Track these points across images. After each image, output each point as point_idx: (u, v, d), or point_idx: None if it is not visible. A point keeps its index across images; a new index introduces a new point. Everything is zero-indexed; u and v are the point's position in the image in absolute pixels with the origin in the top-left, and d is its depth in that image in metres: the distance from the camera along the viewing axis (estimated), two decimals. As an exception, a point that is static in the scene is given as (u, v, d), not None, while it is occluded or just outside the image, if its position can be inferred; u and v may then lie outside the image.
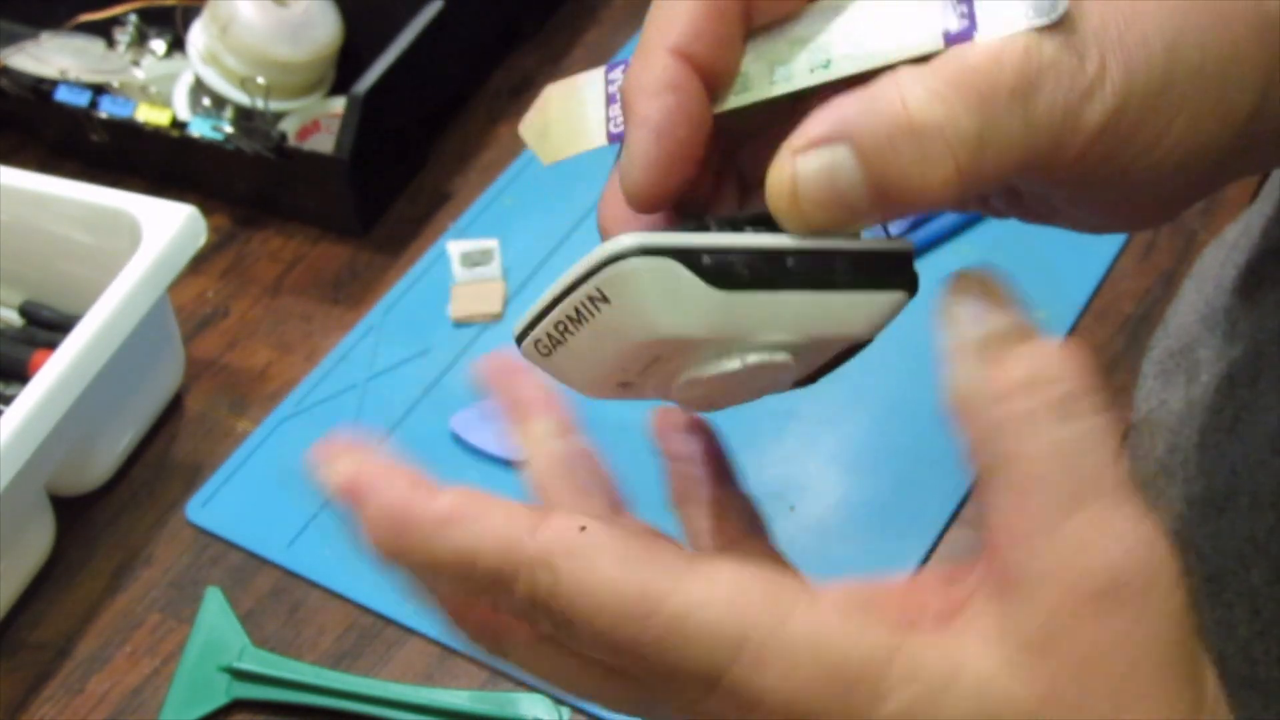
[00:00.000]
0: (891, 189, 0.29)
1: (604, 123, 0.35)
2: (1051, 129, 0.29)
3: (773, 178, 0.30)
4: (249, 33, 0.82)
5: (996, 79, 0.29)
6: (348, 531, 0.33)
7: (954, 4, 0.31)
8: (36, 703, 0.64)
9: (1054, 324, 0.71)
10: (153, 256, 0.67)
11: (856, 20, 0.32)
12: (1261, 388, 0.47)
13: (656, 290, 0.30)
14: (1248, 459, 0.47)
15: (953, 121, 0.29)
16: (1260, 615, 0.46)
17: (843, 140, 0.29)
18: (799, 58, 0.33)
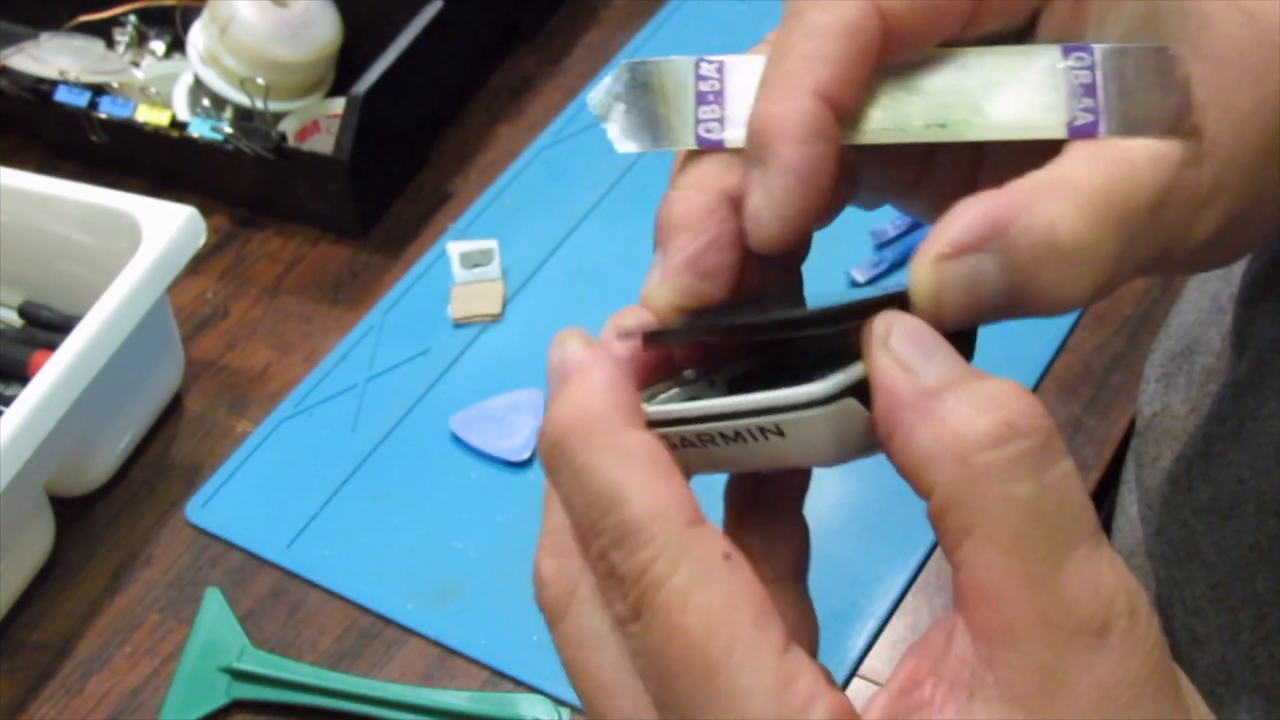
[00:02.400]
0: (1028, 300, 0.30)
1: (692, 124, 0.33)
2: (1171, 241, 0.30)
3: (918, 282, 0.30)
4: (249, 33, 0.82)
5: (1135, 199, 0.29)
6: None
7: (1081, 93, 0.31)
8: (36, 703, 0.64)
9: (1054, 324, 0.71)
10: (153, 257, 0.67)
11: (979, 83, 0.32)
12: (1266, 395, 0.47)
13: (837, 429, 0.30)
14: (1253, 466, 0.47)
15: (1098, 245, 0.29)
16: (1265, 621, 0.46)
17: (990, 249, 0.30)
18: (917, 110, 0.32)
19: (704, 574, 0.27)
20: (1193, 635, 0.49)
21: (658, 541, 0.28)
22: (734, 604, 0.27)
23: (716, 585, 0.27)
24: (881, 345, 0.29)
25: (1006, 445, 0.27)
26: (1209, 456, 0.50)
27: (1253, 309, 0.52)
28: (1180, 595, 0.50)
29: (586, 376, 0.30)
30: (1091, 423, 0.68)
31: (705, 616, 0.27)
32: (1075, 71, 0.32)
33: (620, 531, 0.28)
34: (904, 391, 0.28)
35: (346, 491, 0.70)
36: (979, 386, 0.28)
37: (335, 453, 0.72)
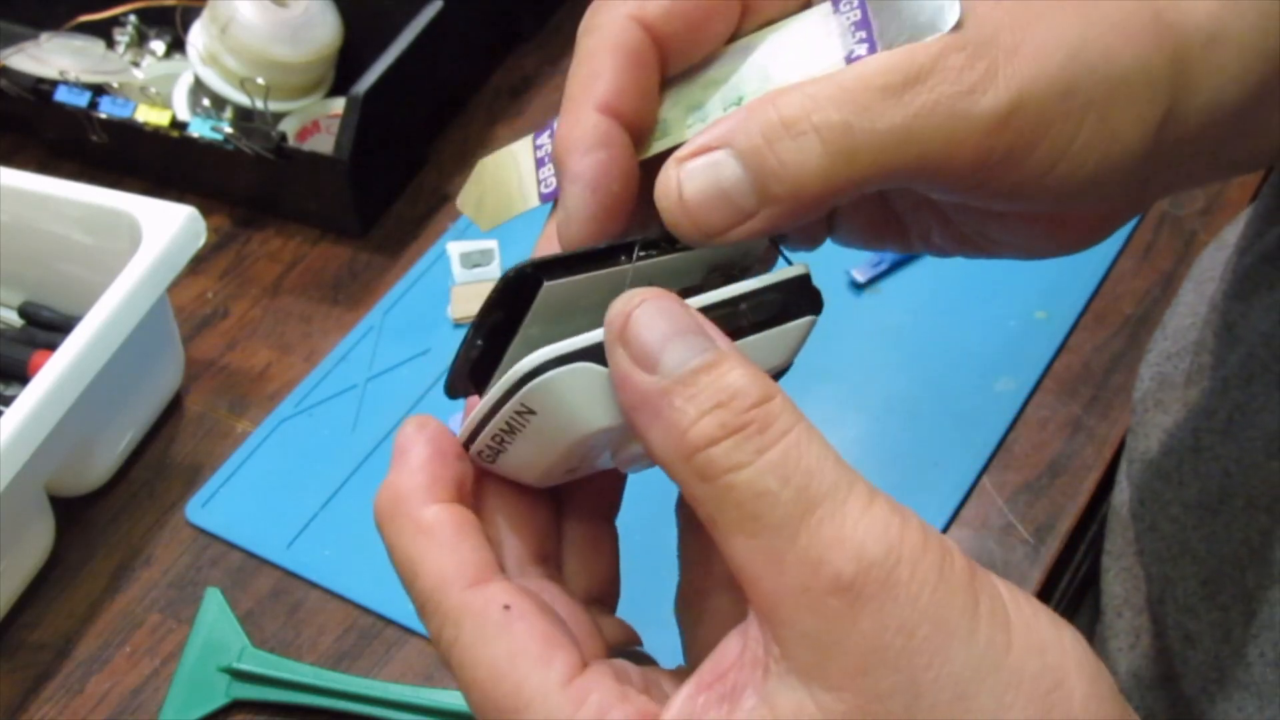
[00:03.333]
0: (770, 179, 0.31)
1: (535, 185, 0.37)
2: (936, 122, 0.31)
3: (660, 189, 0.32)
4: (249, 33, 0.82)
5: (864, 78, 0.31)
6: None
7: (853, 30, 0.33)
8: (36, 703, 0.64)
9: (1054, 324, 0.71)
10: (153, 257, 0.67)
11: (764, 56, 0.35)
12: (1255, 390, 0.47)
13: (575, 393, 0.31)
14: (1242, 462, 0.47)
15: (819, 113, 0.31)
16: (1256, 618, 0.46)
17: (723, 145, 0.32)
18: (713, 99, 0.35)
19: (484, 631, 0.30)
20: (1185, 633, 0.49)
21: (442, 608, 0.31)
22: (515, 649, 0.30)
23: (497, 637, 0.30)
24: (615, 340, 0.30)
25: (723, 440, 0.28)
26: (1198, 451, 0.50)
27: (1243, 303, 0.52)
28: (1172, 593, 0.50)
29: (403, 458, 0.33)
30: (1091, 423, 0.68)
31: (491, 667, 0.30)
32: (845, 14, 0.34)
33: (420, 601, 0.32)
34: (635, 392, 0.30)
35: (346, 491, 0.70)
36: (702, 382, 0.29)
37: (335, 453, 0.72)
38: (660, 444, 0.30)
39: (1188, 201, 0.76)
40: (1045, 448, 0.67)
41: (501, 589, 0.31)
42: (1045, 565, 0.63)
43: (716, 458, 0.29)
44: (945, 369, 0.70)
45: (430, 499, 0.33)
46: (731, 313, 0.33)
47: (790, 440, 0.29)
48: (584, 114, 0.33)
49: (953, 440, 0.67)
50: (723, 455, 0.28)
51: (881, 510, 0.28)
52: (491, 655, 0.30)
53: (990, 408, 0.68)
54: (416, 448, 0.33)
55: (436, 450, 0.33)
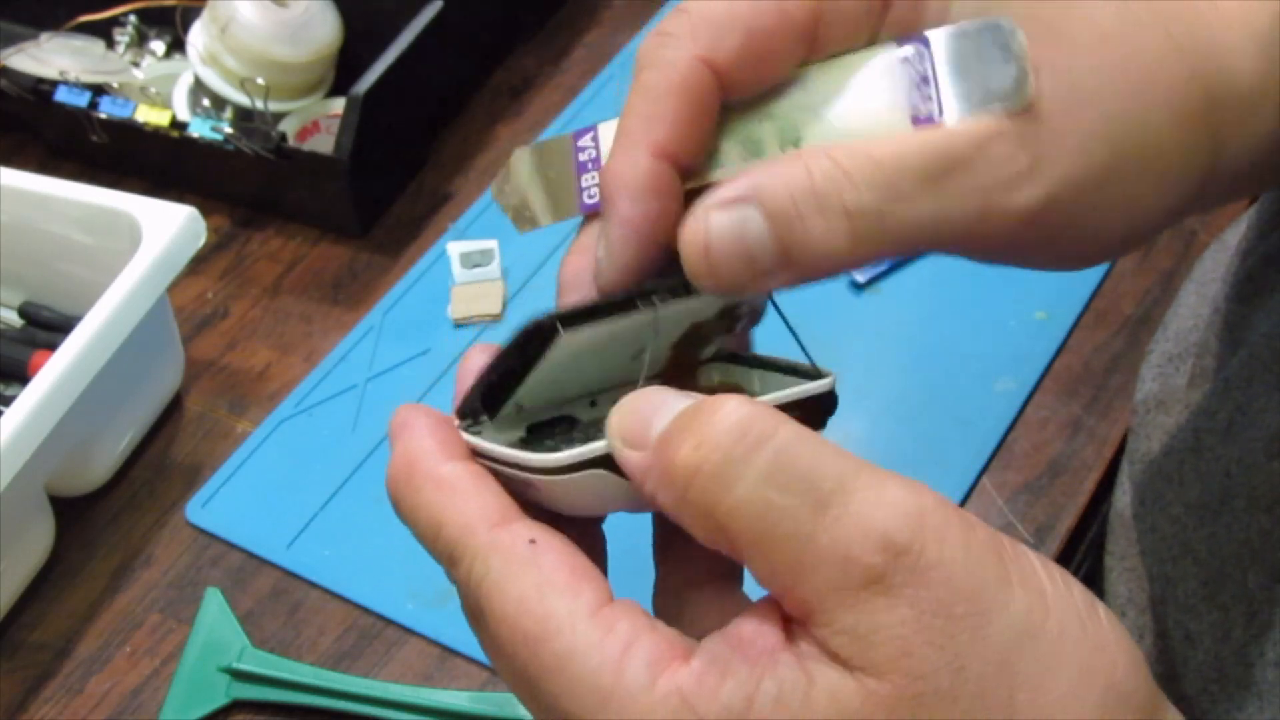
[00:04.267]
0: (794, 249, 0.31)
1: (576, 194, 0.36)
2: (969, 211, 0.31)
3: (687, 233, 0.32)
4: (249, 33, 0.82)
5: (905, 160, 0.31)
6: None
7: (920, 85, 0.32)
8: (36, 703, 0.64)
9: (1054, 324, 0.71)
10: (153, 257, 0.67)
11: (828, 97, 0.34)
12: (1256, 391, 0.47)
13: (591, 492, 0.32)
14: (1243, 463, 0.47)
15: (852, 193, 0.31)
16: (1256, 618, 0.46)
17: (752, 200, 0.31)
18: (769, 134, 0.34)
19: (512, 564, 0.30)
20: (1186, 633, 0.49)
21: (470, 548, 0.31)
22: (542, 580, 0.30)
23: (525, 569, 0.30)
24: (613, 434, 0.31)
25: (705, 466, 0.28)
26: (1199, 452, 0.50)
27: (1246, 305, 0.52)
28: (1173, 593, 0.50)
29: (405, 430, 0.34)
30: (1091, 423, 0.68)
31: (520, 600, 0.30)
32: (912, 65, 0.33)
33: (447, 553, 0.32)
34: (636, 469, 0.30)
35: (346, 491, 0.70)
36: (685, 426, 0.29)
37: (335, 453, 0.72)
38: (665, 500, 0.30)
39: (1188, 201, 0.76)
40: (1045, 448, 0.67)
41: (526, 526, 0.31)
42: (1045, 565, 0.63)
43: (706, 488, 0.29)
44: (945, 369, 0.70)
45: (445, 458, 0.33)
46: None
47: (777, 445, 0.28)
48: (639, 155, 0.33)
49: (953, 440, 0.67)
50: (711, 482, 0.28)
51: (895, 492, 0.28)
52: (520, 587, 0.30)
53: (990, 408, 0.68)
54: (419, 420, 0.34)
55: (438, 421, 0.34)
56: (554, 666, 0.29)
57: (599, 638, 0.29)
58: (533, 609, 0.30)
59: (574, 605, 0.29)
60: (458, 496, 0.32)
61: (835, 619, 0.28)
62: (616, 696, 0.28)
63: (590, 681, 0.29)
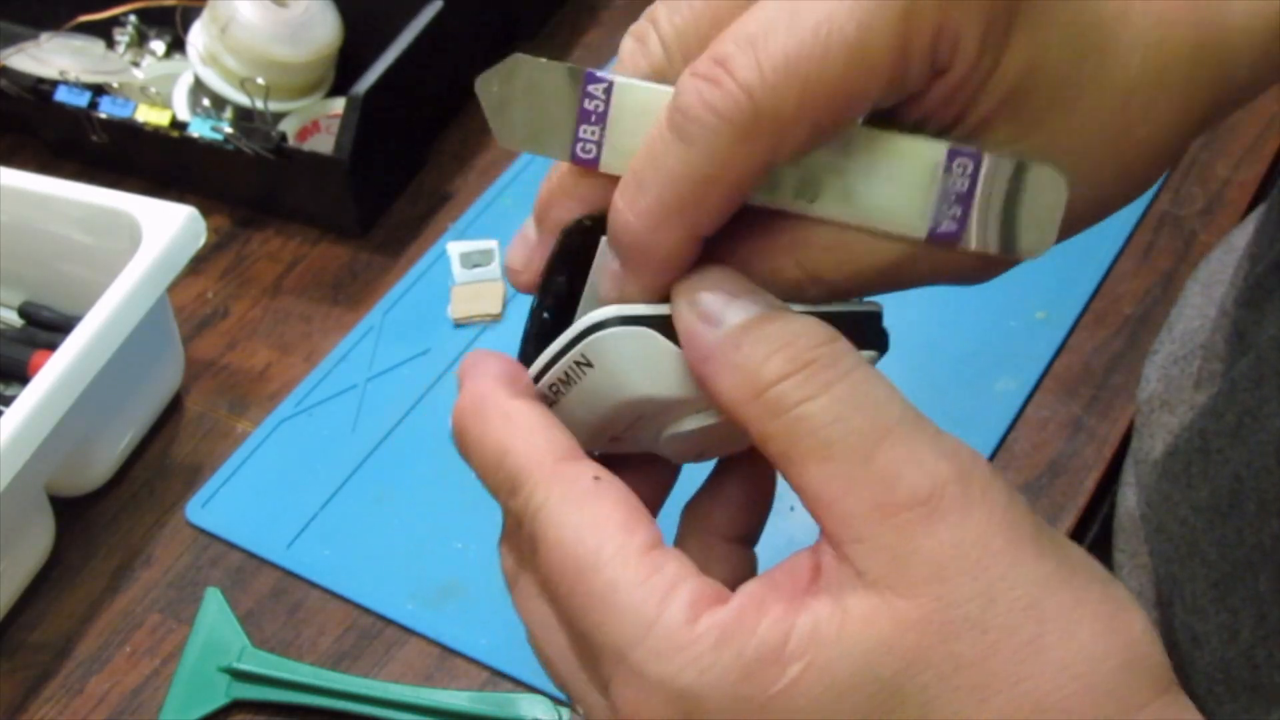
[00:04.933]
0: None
1: (571, 140, 0.34)
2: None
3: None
4: (249, 33, 0.82)
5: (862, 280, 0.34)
6: None
7: (952, 202, 0.32)
8: (36, 703, 0.64)
9: (1054, 324, 0.71)
10: (153, 257, 0.67)
11: (858, 168, 0.32)
12: (1265, 394, 0.47)
13: (634, 356, 0.32)
14: (1252, 465, 0.47)
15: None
16: (1266, 620, 0.46)
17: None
18: (791, 179, 0.32)
19: (573, 496, 0.31)
20: (1192, 634, 0.49)
21: (534, 478, 0.32)
22: (600, 515, 0.31)
23: (585, 502, 0.31)
24: (682, 297, 0.32)
25: (793, 375, 0.30)
26: (1207, 454, 0.50)
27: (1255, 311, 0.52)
28: (1180, 593, 0.50)
29: (476, 369, 0.35)
30: (1091, 423, 0.68)
31: (577, 529, 0.31)
32: (954, 178, 0.32)
33: (509, 481, 0.32)
34: (702, 345, 0.31)
35: (346, 491, 0.70)
36: (767, 328, 0.30)
37: (335, 453, 0.72)
38: (729, 388, 0.30)
39: (1188, 201, 0.76)
40: (1045, 448, 0.67)
41: (591, 465, 0.32)
42: (1045, 565, 0.63)
43: (787, 391, 0.30)
44: (945, 369, 0.70)
45: (515, 395, 0.34)
46: None
47: (859, 375, 0.30)
48: (673, 231, 0.31)
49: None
50: (794, 388, 0.30)
51: (952, 441, 0.30)
52: (578, 519, 0.31)
53: (990, 408, 0.68)
54: (489, 361, 0.35)
55: (508, 362, 0.35)
56: (600, 596, 0.30)
57: (646, 575, 0.30)
58: (587, 539, 0.30)
59: (627, 542, 0.30)
60: (527, 429, 0.33)
61: (876, 535, 0.29)
62: (656, 630, 0.29)
63: (633, 614, 0.29)
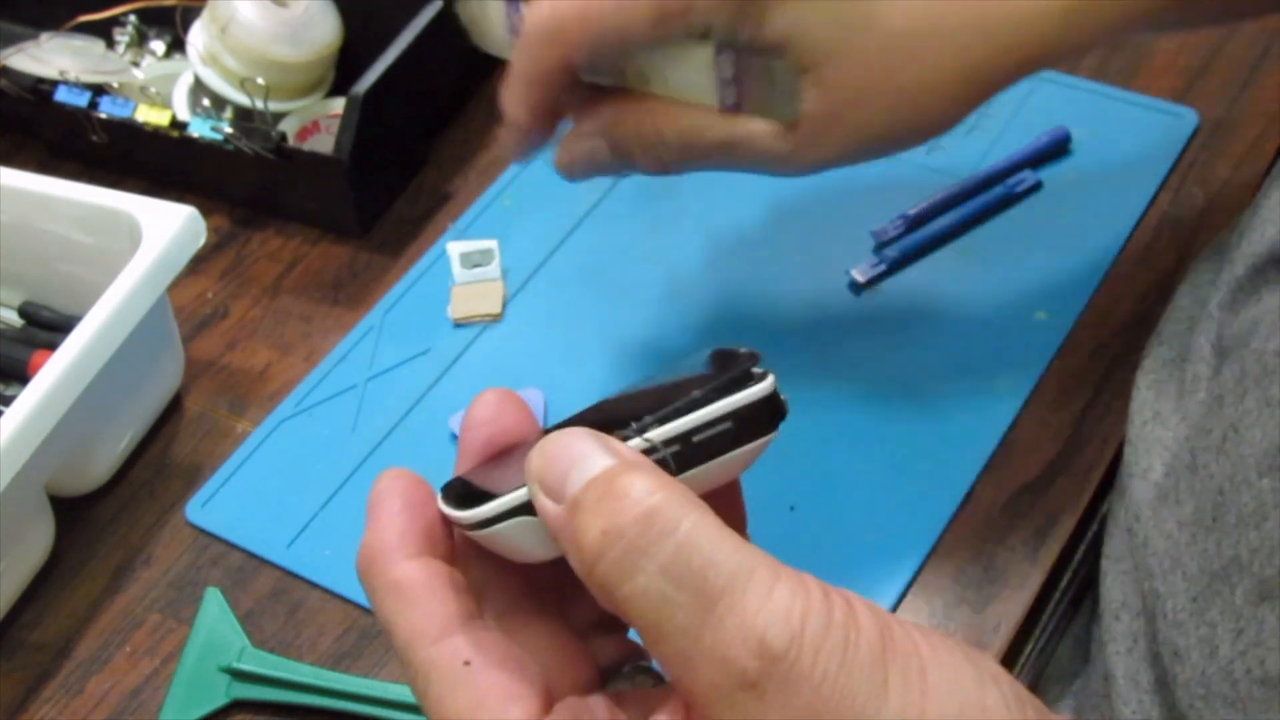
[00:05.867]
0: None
1: (509, 44, 0.58)
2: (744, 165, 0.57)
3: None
4: (249, 33, 0.82)
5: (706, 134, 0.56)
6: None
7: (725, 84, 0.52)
8: (36, 703, 0.64)
9: (1054, 324, 0.71)
10: (153, 257, 0.67)
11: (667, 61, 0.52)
12: (1249, 406, 0.47)
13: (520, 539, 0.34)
14: (1234, 479, 0.47)
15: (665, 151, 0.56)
16: (1243, 635, 0.46)
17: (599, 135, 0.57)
18: (633, 71, 0.54)
19: (446, 683, 0.33)
20: (1174, 650, 0.49)
21: (414, 663, 0.33)
22: (474, 701, 0.32)
23: (458, 690, 0.32)
24: (531, 479, 0.32)
25: (610, 552, 0.29)
26: (1194, 469, 0.50)
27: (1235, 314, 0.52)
28: (1162, 608, 0.50)
29: (375, 514, 0.35)
30: (1091, 423, 0.68)
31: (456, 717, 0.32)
32: (722, 68, 0.51)
33: (400, 657, 0.34)
34: (552, 519, 0.32)
35: (346, 491, 0.70)
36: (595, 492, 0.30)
37: (335, 453, 0.72)
38: (575, 566, 0.31)
39: (1188, 201, 0.76)
40: (1045, 448, 0.67)
41: (464, 643, 0.33)
42: (1045, 565, 0.63)
43: (609, 571, 0.29)
44: (945, 369, 0.70)
45: (401, 555, 0.34)
46: (685, 447, 0.33)
47: (678, 539, 0.29)
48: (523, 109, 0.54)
49: (953, 440, 0.67)
50: (614, 567, 0.29)
51: (783, 596, 0.29)
52: (455, 707, 0.32)
53: (990, 408, 0.68)
54: (388, 501, 0.35)
55: (406, 503, 0.35)
56: None
57: None
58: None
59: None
60: (405, 605, 0.34)
61: (718, 715, 0.29)
62: None
63: None
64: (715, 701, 0.28)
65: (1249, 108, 0.81)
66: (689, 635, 0.29)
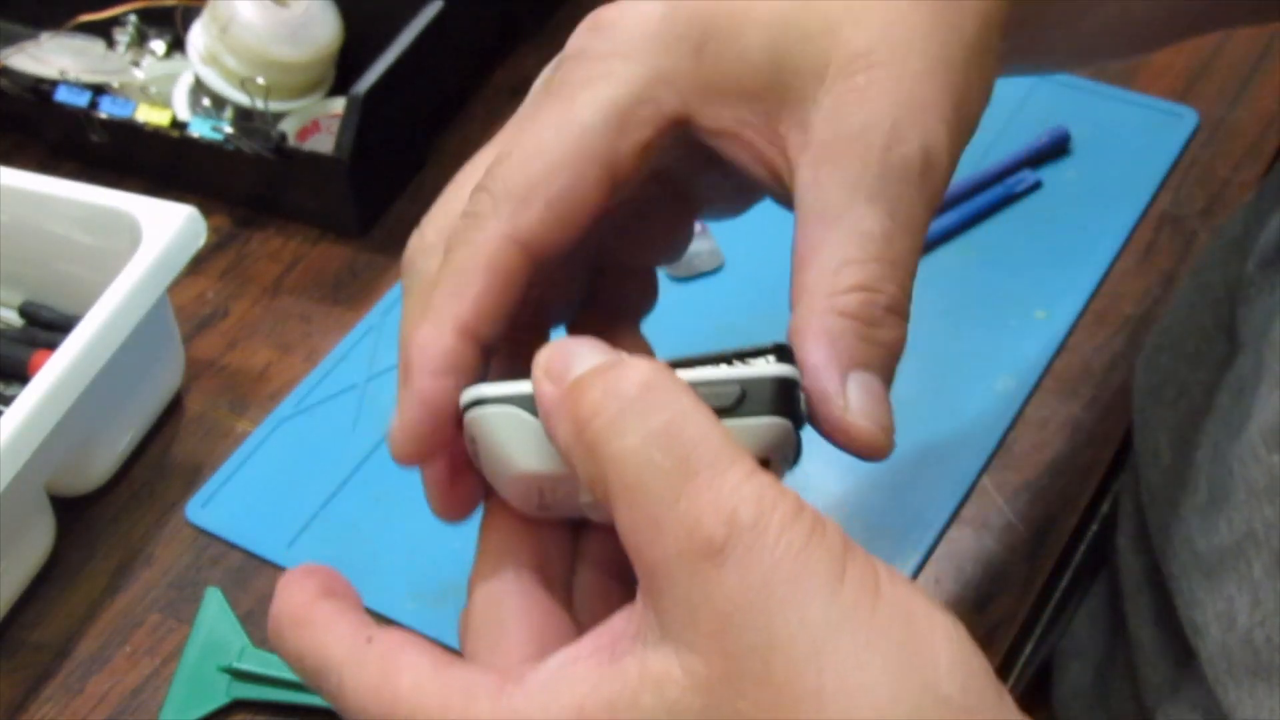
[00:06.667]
0: None
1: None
2: None
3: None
4: (249, 33, 0.82)
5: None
6: None
7: None
8: (36, 703, 0.64)
9: (1054, 324, 0.71)
10: (153, 257, 0.67)
11: None
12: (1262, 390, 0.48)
13: (505, 434, 0.34)
14: (1242, 458, 0.47)
15: None
16: (1261, 605, 0.46)
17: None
18: None
19: (354, 665, 0.34)
20: (1193, 626, 0.49)
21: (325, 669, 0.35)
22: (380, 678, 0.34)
23: (365, 669, 0.34)
24: (537, 367, 0.33)
25: (606, 410, 0.30)
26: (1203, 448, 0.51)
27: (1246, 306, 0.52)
28: (1178, 588, 0.50)
29: (282, 592, 0.37)
30: (1091, 423, 0.68)
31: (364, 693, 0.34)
32: None
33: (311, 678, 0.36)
34: (545, 401, 0.33)
35: (346, 491, 0.70)
36: (599, 376, 0.31)
37: (335, 453, 0.72)
38: (561, 436, 0.32)
39: (1188, 201, 0.76)
40: (1045, 448, 0.67)
41: (357, 625, 0.36)
42: (1045, 565, 0.63)
43: (601, 427, 0.30)
44: (945, 369, 0.70)
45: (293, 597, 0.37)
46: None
47: (674, 411, 0.30)
48: (444, 331, 0.37)
49: (953, 440, 0.67)
50: (607, 425, 0.30)
51: (759, 482, 0.30)
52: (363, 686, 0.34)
53: (990, 408, 0.68)
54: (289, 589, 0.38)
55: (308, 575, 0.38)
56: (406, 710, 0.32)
57: (440, 686, 0.32)
58: (383, 689, 0.33)
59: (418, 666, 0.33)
60: (315, 627, 0.36)
61: (673, 586, 0.29)
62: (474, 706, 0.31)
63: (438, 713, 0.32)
64: (675, 571, 0.29)
65: (1249, 108, 0.81)
66: (664, 501, 0.29)
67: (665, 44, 0.37)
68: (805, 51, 0.37)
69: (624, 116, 0.36)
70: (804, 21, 0.37)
